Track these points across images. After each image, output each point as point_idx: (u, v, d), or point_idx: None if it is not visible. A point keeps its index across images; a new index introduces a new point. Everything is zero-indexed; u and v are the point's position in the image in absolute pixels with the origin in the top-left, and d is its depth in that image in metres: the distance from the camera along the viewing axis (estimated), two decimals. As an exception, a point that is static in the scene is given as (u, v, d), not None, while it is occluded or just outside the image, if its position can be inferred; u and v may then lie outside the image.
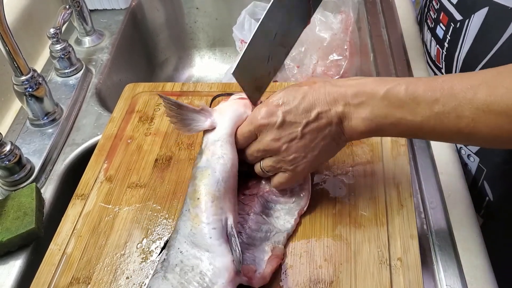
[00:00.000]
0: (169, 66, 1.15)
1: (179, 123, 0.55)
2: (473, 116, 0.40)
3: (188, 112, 0.55)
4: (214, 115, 0.56)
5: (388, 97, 0.44)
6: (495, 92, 0.39)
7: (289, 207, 0.56)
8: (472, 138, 0.42)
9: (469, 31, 0.63)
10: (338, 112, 0.46)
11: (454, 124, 0.41)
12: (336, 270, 0.51)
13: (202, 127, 0.56)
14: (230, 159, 0.53)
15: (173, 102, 0.54)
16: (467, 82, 0.41)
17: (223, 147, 0.54)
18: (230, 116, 0.55)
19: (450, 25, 0.67)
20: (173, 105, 0.54)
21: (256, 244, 0.52)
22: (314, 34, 0.96)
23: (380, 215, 0.55)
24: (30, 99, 0.72)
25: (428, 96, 0.42)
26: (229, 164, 0.52)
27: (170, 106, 0.54)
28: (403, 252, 0.52)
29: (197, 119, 0.55)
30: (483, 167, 0.65)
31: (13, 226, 0.59)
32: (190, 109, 0.55)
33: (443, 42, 0.70)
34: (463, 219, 0.57)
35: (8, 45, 0.65)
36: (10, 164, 0.65)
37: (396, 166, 0.60)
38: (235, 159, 0.54)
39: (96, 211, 0.60)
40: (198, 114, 0.55)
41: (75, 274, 0.54)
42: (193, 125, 0.55)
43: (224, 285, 0.45)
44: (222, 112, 0.56)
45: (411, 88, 0.43)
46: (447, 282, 0.51)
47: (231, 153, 0.54)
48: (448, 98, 0.41)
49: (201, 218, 0.48)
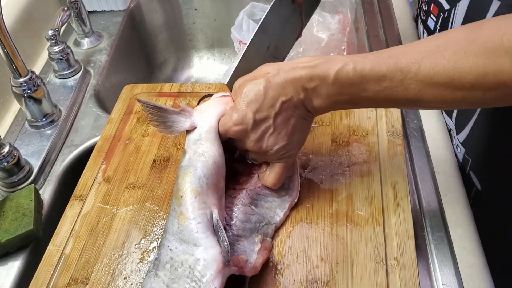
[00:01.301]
0: (168, 67, 1.15)
1: (161, 126, 0.55)
2: (419, 87, 0.43)
3: (168, 114, 0.55)
4: (194, 115, 0.57)
5: (338, 79, 0.47)
6: (437, 65, 0.42)
7: (280, 200, 0.57)
8: (420, 104, 0.46)
9: (455, 19, 0.64)
10: (300, 98, 0.50)
11: (403, 95, 0.45)
12: (333, 269, 0.51)
13: (183, 128, 0.56)
14: (211, 156, 0.53)
15: (152, 106, 0.54)
16: (410, 56, 0.43)
17: (204, 145, 0.54)
18: (209, 114, 0.56)
19: (440, 15, 0.68)
20: (152, 108, 0.54)
21: (246, 235, 0.53)
22: (312, 35, 0.97)
23: (377, 214, 0.55)
24: (28, 101, 0.72)
25: (375, 73, 0.45)
26: (210, 161, 0.53)
27: (150, 110, 0.55)
28: (400, 251, 0.52)
29: (177, 120, 0.56)
30: (468, 157, 0.65)
31: (11, 227, 0.60)
32: (170, 111, 0.56)
33: (434, 32, 0.70)
34: (460, 218, 0.57)
35: (7, 47, 0.66)
36: (8, 165, 0.66)
37: (393, 166, 0.60)
38: (217, 156, 0.54)
39: (94, 212, 0.61)
40: (178, 116, 0.56)
41: (73, 275, 0.55)
42: (174, 127, 0.56)
43: (213, 276, 0.46)
44: (202, 111, 0.57)
45: (359, 67, 0.46)
46: (443, 281, 0.51)
47: (212, 150, 0.54)
48: (394, 73, 0.44)
49: (186, 214, 0.49)
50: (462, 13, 0.63)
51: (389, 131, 0.64)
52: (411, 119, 0.68)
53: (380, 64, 0.45)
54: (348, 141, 0.64)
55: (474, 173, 0.66)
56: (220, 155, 0.55)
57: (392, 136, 0.63)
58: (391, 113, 0.66)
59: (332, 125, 0.66)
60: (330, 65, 0.48)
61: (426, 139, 0.66)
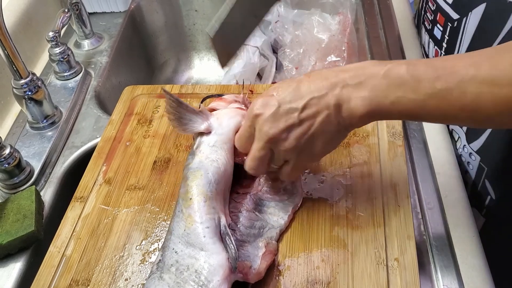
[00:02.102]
0: (168, 68, 1.15)
1: (176, 121, 0.55)
2: (477, 90, 0.39)
3: (186, 111, 0.55)
4: (211, 119, 0.57)
5: (388, 75, 0.43)
6: (498, 66, 0.39)
7: (283, 204, 0.57)
8: (476, 115, 0.41)
9: (467, 29, 0.63)
10: (336, 94, 0.45)
11: (457, 100, 0.40)
12: (334, 271, 0.51)
13: (198, 129, 0.56)
14: (223, 164, 0.54)
15: (175, 99, 0.54)
16: (468, 60, 0.41)
17: (218, 152, 0.54)
18: (228, 123, 0.56)
19: (448, 25, 0.67)
20: (174, 101, 0.54)
21: (250, 241, 0.53)
22: (313, 36, 0.97)
23: (377, 216, 0.55)
24: (29, 102, 0.72)
25: (429, 74, 0.41)
26: (222, 168, 0.53)
27: (171, 103, 0.54)
28: (400, 252, 0.52)
29: (194, 120, 0.56)
30: (484, 165, 0.65)
31: (13, 229, 0.60)
32: (189, 109, 0.56)
33: (441, 42, 0.70)
34: (460, 219, 0.57)
35: (7, 49, 0.66)
36: (9, 167, 0.66)
37: (393, 167, 0.60)
38: (229, 166, 0.55)
39: (95, 214, 0.61)
40: (196, 116, 0.56)
41: (75, 276, 0.55)
42: (189, 126, 0.56)
43: (220, 282, 0.46)
44: (220, 118, 0.57)
45: (412, 68, 0.42)
46: (444, 282, 0.51)
47: (225, 159, 0.54)
48: (450, 75, 0.41)
49: (194, 217, 0.49)
50: (475, 23, 0.61)
51: (389, 132, 0.64)
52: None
53: (435, 66, 0.42)
54: (348, 142, 0.64)
55: (490, 182, 0.65)
56: (231, 166, 0.55)
57: (393, 137, 0.63)
58: (392, 114, 0.66)
59: (332, 126, 0.66)
60: (380, 64, 0.44)
61: (426, 140, 0.66)
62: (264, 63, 1.03)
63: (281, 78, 0.99)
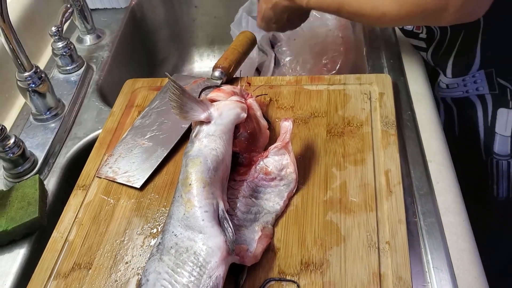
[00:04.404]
0: (168, 63, 1.17)
1: (178, 109, 0.57)
2: None
3: (189, 100, 0.57)
4: (212, 109, 0.59)
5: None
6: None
7: (279, 190, 0.59)
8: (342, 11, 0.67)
9: None
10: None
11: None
12: (326, 253, 0.53)
13: (198, 118, 0.58)
14: (222, 153, 0.56)
15: (178, 86, 0.56)
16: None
17: (217, 142, 0.56)
18: (227, 114, 0.59)
19: None
20: (176, 89, 0.56)
21: (246, 225, 0.55)
22: (310, 31, 0.98)
23: (370, 201, 0.57)
24: (33, 95, 0.74)
25: None
26: (221, 157, 0.55)
27: (174, 90, 0.56)
28: (391, 236, 0.54)
29: (195, 109, 0.58)
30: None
31: (17, 216, 0.62)
32: (191, 98, 0.58)
33: None
34: (451, 205, 0.58)
35: (12, 43, 0.68)
36: (14, 156, 0.68)
37: (386, 155, 0.62)
38: (227, 155, 0.57)
39: (96, 201, 0.63)
40: (197, 105, 0.58)
41: (77, 260, 0.57)
42: (190, 114, 0.58)
43: (217, 263, 0.47)
44: (220, 109, 0.59)
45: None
46: (434, 264, 0.53)
47: (224, 148, 0.56)
48: None
49: (194, 202, 0.51)
50: None
51: (382, 122, 0.66)
52: (405, 110, 0.70)
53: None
54: (343, 131, 0.66)
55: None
56: (230, 156, 0.58)
57: (386, 127, 0.65)
58: (385, 105, 0.68)
59: (327, 116, 0.68)
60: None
61: (419, 129, 0.67)
62: (263, 58, 1.05)
63: (280, 73, 1.00)
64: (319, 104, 0.70)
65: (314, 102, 0.71)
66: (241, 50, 0.79)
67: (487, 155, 0.81)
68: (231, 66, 0.76)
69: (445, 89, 0.81)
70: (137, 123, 0.71)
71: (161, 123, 0.70)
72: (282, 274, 0.52)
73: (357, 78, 0.73)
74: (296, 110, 0.70)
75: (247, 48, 0.81)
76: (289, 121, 0.60)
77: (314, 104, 0.70)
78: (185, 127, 0.68)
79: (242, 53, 0.79)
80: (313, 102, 0.71)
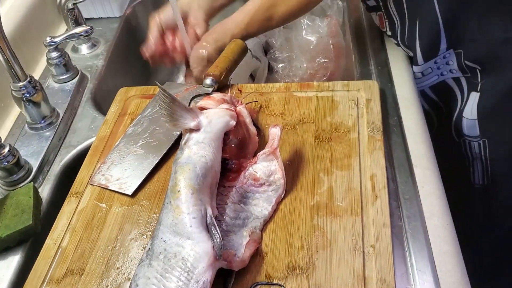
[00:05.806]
0: (163, 72, 1.18)
1: (168, 117, 0.59)
2: None
3: (178, 108, 0.59)
4: (201, 117, 0.60)
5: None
6: None
7: (267, 195, 0.60)
8: None
9: None
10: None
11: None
12: (313, 257, 0.54)
13: (188, 126, 0.60)
14: (211, 160, 0.57)
15: (168, 95, 0.57)
16: None
17: (206, 149, 0.58)
18: (217, 122, 0.60)
19: None
20: (167, 97, 0.57)
21: (235, 231, 0.56)
22: (302, 38, 1.00)
23: (356, 205, 0.58)
24: (27, 104, 0.76)
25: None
26: (210, 164, 0.57)
27: (164, 98, 0.57)
28: (376, 239, 0.55)
29: (185, 117, 0.59)
30: None
31: (12, 223, 0.63)
32: (181, 106, 0.59)
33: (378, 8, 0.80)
34: (435, 208, 0.60)
35: (6, 54, 0.69)
36: (9, 165, 0.69)
37: (372, 160, 0.63)
38: (216, 162, 0.58)
39: (89, 208, 0.64)
40: (187, 113, 0.59)
41: (70, 266, 0.58)
42: (180, 122, 0.59)
43: (205, 268, 0.49)
44: (209, 117, 0.60)
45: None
46: (418, 266, 0.54)
47: (213, 155, 0.58)
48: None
49: (182, 208, 0.52)
50: None
51: (369, 127, 0.67)
52: (392, 115, 0.72)
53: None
54: (330, 137, 0.67)
55: None
56: (219, 163, 0.59)
57: (372, 132, 0.66)
58: (372, 111, 0.70)
59: (316, 122, 0.70)
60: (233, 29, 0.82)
61: (405, 134, 0.68)
62: (257, 65, 1.07)
63: (272, 79, 1.02)
64: (308, 111, 0.72)
65: (303, 109, 0.72)
66: (232, 58, 0.80)
67: (458, 137, 0.82)
68: (222, 73, 0.77)
69: (421, 78, 0.81)
70: (130, 131, 0.73)
71: (153, 131, 0.71)
72: (269, 278, 0.53)
73: (345, 84, 0.75)
74: (286, 116, 0.72)
75: (238, 56, 0.82)
76: (277, 128, 0.62)
77: (303, 111, 0.72)
78: (177, 134, 0.69)
79: (233, 61, 0.81)
80: (302, 108, 0.72)
